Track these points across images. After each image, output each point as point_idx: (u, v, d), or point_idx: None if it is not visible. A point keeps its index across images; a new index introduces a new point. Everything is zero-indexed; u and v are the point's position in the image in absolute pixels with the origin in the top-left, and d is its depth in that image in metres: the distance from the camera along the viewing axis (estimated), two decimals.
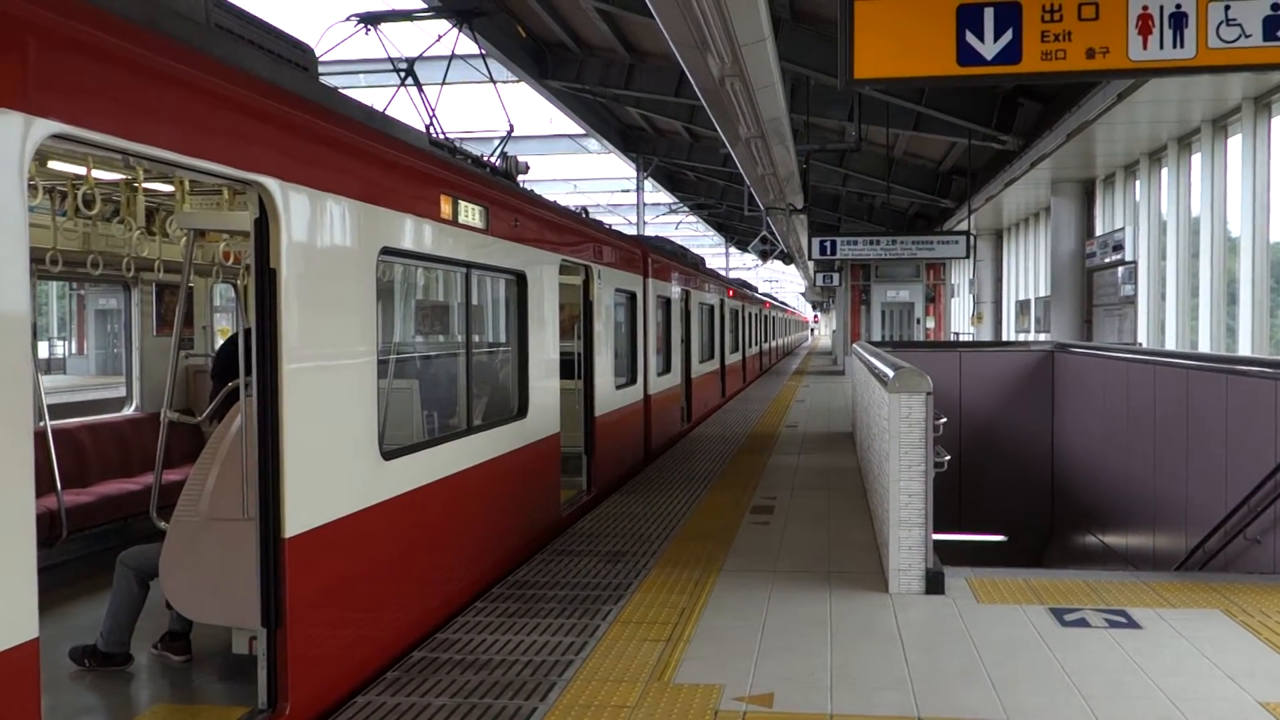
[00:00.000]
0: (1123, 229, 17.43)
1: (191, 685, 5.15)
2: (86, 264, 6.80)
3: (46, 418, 6.70)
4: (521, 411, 7.58)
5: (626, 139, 25.96)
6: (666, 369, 14.02)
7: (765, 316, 36.32)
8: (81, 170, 5.16)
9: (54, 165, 5.23)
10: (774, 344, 43.52)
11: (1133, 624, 5.61)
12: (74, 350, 31.91)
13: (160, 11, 3.90)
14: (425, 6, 12.26)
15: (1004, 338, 28.03)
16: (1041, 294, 23.12)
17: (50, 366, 28.86)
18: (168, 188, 6.06)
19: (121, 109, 3.39)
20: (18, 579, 2.93)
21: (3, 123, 2.89)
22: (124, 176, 5.67)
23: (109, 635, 5.23)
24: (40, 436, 6.36)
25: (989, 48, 6.04)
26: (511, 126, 9.20)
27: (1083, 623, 5.65)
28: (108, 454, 7.77)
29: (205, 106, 3.87)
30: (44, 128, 3.03)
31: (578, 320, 9.89)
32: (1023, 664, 5.01)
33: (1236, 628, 5.52)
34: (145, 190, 6.07)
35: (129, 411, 8.29)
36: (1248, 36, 5.77)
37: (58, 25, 3.12)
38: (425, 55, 8.50)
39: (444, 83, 9.07)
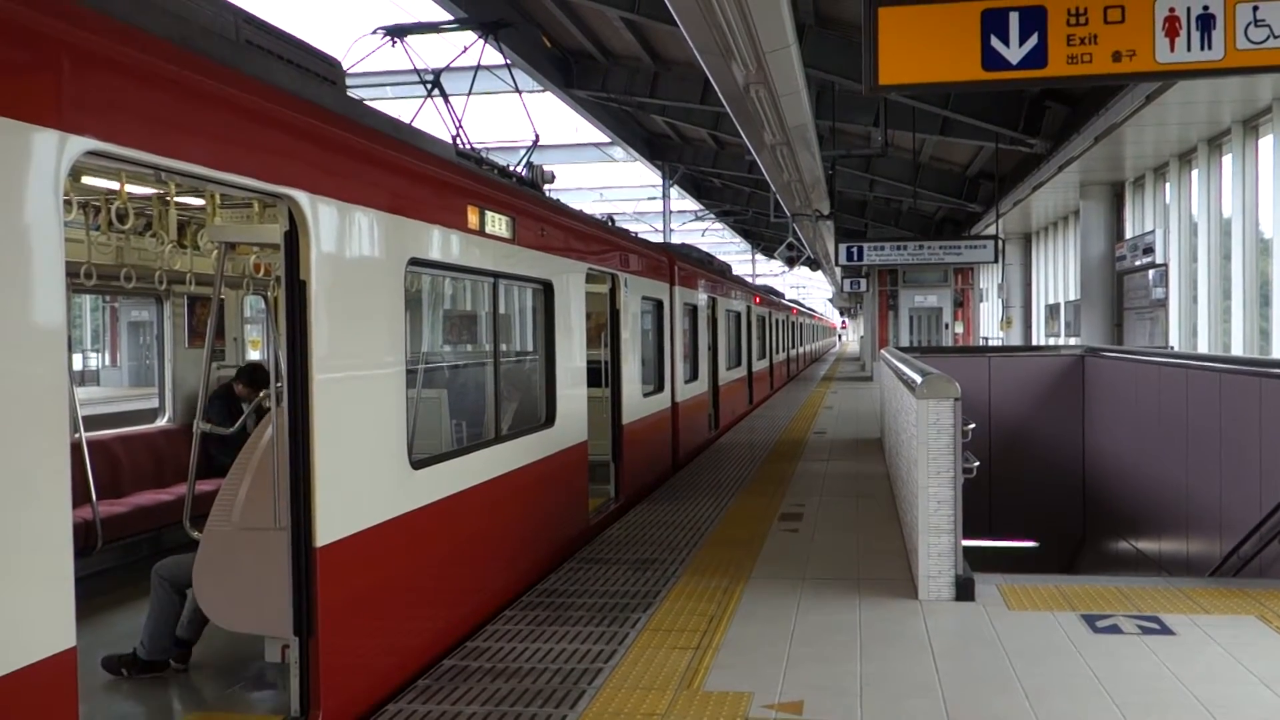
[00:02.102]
0: (1153, 232, 17.28)
1: (225, 693, 5.20)
2: (120, 277, 6.90)
3: (81, 429, 6.79)
4: (549, 420, 7.61)
5: (652, 147, 26.01)
6: (694, 376, 14.01)
7: (792, 323, 36.23)
8: (115, 185, 5.24)
9: (87, 180, 5.32)
10: (801, 350, 43.40)
11: (1166, 630, 5.56)
12: (107, 362, 32.28)
13: (191, 28, 3.96)
14: (451, 19, 12.33)
15: (1033, 342, 27.83)
16: (1071, 298, 22.95)
17: (84, 378, 29.21)
18: (199, 201, 6.15)
19: (154, 125, 3.44)
20: (56, 588, 2.98)
21: (39, 140, 2.95)
22: (156, 191, 5.75)
23: (149, 644, 5.30)
24: (75, 448, 6.45)
25: (1014, 52, 6.02)
26: (537, 136, 9.24)
27: (1115, 629, 5.60)
28: (141, 465, 7.86)
29: (236, 121, 3.92)
30: (79, 145, 3.08)
31: (604, 329, 9.92)
32: (1054, 671, 4.98)
33: (1272, 634, 5.46)
34: (177, 204, 6.16)
35: (162, 423, 8.38)
36: (1277, 37, 5.72)
37: (91, 44, 3.18)
38: (451, 66, 8.55)
39: (470, 93, 9.12)
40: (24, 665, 2.85)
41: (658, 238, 27.55)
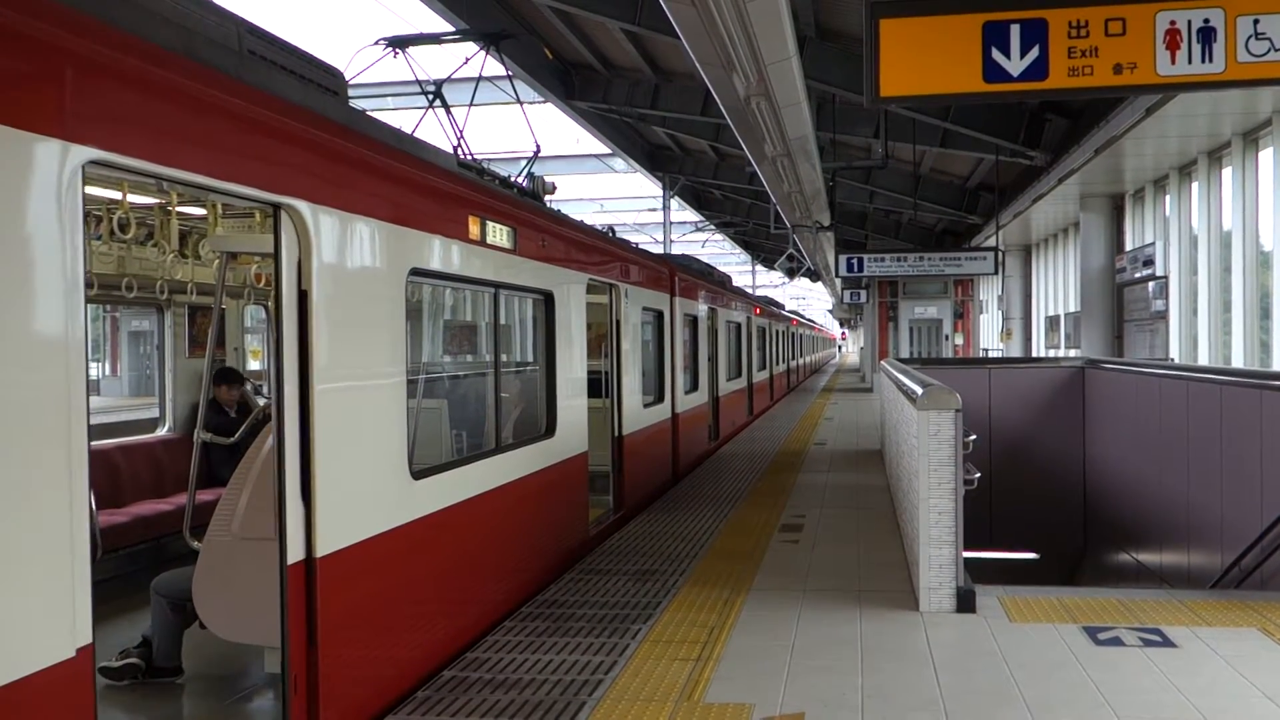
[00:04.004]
0: (1153, 244, 17.30)
1: (223, 705, 5.19)
2: (121, 287, 6.91)
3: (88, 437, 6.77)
4: (549, 431, 7.60)
5: (653, 158, 26.04)
6: (694, 387, 14.01)
7: (792, 334, 36.24)
8: (117, 195, 5.25)
9: (89, 190, 5.32)
10: (801, 361, 43.41)
11: (1168, 643, 5.55)
12: (108, 372, 32.27)
13: (194, 39, 3.97)
14: (453, 30, 12.38)
15: (1034, 354, 27.83)
16: (1071, 310, 22.96)
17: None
18: (200, 211, 6.16)
19: (157, 135, 3.45)
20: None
21: (42, 150, 2.95)
22: (158, 201, 5.76)
23: (158, 653, 5.31)
24: None
25: (1015, 64, 6.04)
26: (538, 147, 9.25)
27: (1117, 641, 5.59)
28: (141, 475, 7.85)
29: (238, 132, 3.93)
30: (82, 154, 3.09)
31: (605, 339, 9.92)
32: (1056, 684, 4.97)
33: (1274, 646, 5.45)
34: (178, 214, 6.16)
35: (162, 433, 8.38)
36: (1277, 50, 5.74)
37: (94, 54, 3.18)
38: (453, 77, 8.57)
39: (471, 104, 9.13)
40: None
41: (658, 249, 27.56)
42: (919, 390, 6.69)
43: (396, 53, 8.00)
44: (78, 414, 3.09)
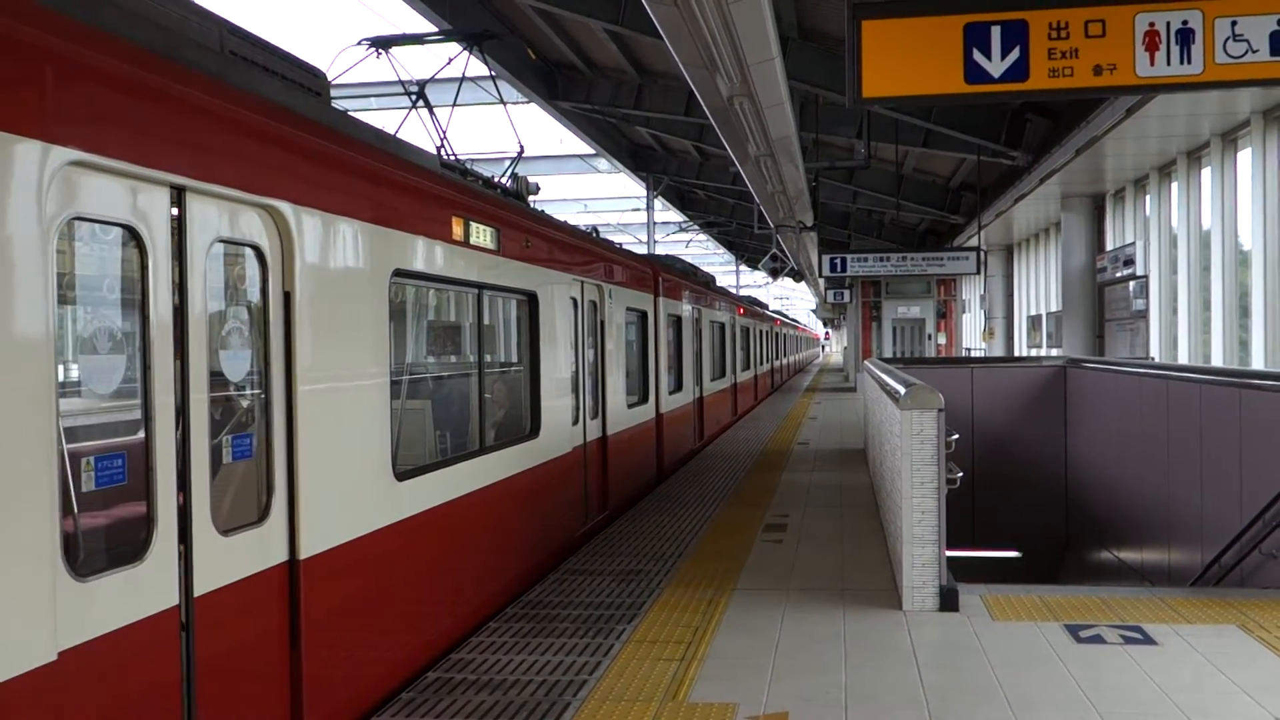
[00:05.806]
0: (1133, 243, 17.40)
1: None
2: (103, 288, 6.85)
3: (63, 441, 6.72)
4: (534, 431, 7.60)
5: (636, 158, 26.04)
6: (678, 387, 14.02)
7: (776, 334, 36.30)
8: None
9: None
10: (785, 361, 43.49)
11: (1149, 640, 5.59)
12: None
13: (175, 39, 3.95)
14: (436, 30, 12.34)
15: (1016, 353, 27.96)
16: (1053, 309, 23.08)
17: (66, 389, 29.00)
18: None
19: (138, 136, 3.43)
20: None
21: (22, 151, 2.94)
22: None
23: None
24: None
25: (996, 65, 6.07)
26: (522, 147, 9.24)
27: (1098, 639, 5.63)
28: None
29: (220, 133, 3.91)
30: (63, 155, 3.08)
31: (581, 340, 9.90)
32: (1038, 681, 5.00)
33: (1253, 643, 5.50)
34: None
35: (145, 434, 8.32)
36: (1255, 52, 5.79)
37: (74, 54, 3.17)
38: (436, 78, 8.55)
39: (455, 105, 9.12)
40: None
41: (642, 249, 27.58)
42: (902, 390, 6.72)
43: (379, 53, 7.98)
44: (176, 408, 3.86)
